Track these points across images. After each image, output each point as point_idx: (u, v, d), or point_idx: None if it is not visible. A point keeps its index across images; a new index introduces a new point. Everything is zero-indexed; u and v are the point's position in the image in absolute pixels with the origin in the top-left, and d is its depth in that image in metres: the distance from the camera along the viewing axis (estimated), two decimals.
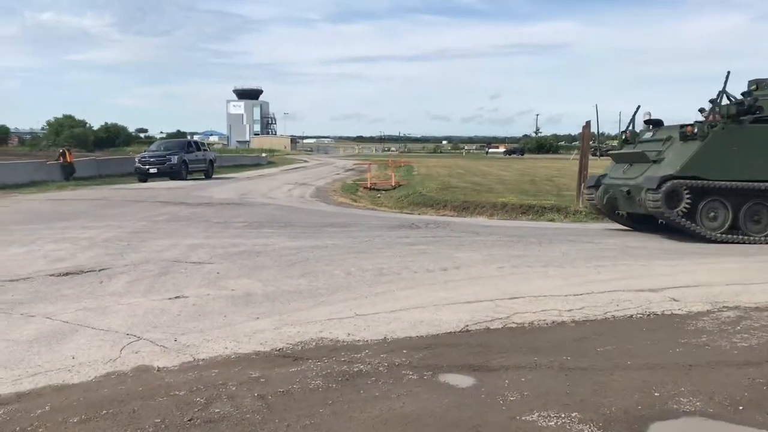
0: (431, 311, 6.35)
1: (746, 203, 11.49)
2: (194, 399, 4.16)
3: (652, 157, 12.01)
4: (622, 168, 13.01)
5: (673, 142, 11.93)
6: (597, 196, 13.26)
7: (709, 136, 11.36)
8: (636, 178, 12.08)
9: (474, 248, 10.27)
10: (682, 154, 11.46)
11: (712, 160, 11.28)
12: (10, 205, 16.76)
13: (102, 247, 9.74)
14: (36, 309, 6.20)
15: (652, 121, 13.43)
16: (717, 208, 11.53)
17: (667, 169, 11.42)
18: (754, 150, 11.43)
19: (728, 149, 11.35)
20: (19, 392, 4.27)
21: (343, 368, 4.75)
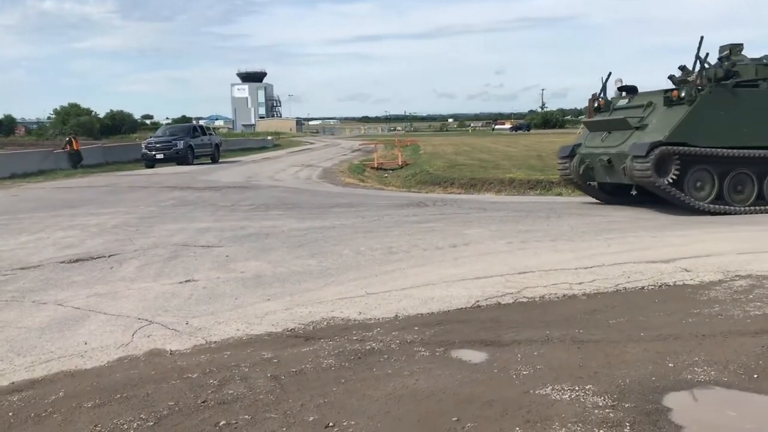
0: (442, 288, 6.33)
1: (731, 172, 11.11)
2: (207, 381, 4.17)
3: (634, 124, 11.44)
4: (599, 136, 12.32)
5: (655, 108, 11.40)
6: (573, 167, 12.69)
7: (698, 100, 10.80)
8: (618, 145, 11.52)
9: (482, 224, 10.23)
10: (668, 120, 10.91)
11: (700, 126, 10.79)
12: (19, 193, 16.81)
13: (111, 233, 9.76)
14: (47, 296, 6.23)
15: (625, 88, 12.87)
16: (704, 177, 11.09)
17: (654, 135, 10.85)
18: (740, 115, 11.02)
19: (716, 114, 10.89)
20: (32, 379, 4.29)
21: (355, 347, 4.74)
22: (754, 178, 11.24)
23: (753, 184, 11.27)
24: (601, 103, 12.88)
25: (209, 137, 33.38)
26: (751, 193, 11.28)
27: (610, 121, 12.17)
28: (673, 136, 10.62)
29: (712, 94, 10.88)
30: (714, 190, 11.04)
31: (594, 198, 13.18)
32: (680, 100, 10.82)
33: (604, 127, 12.29)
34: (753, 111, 11.09)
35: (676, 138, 10.63)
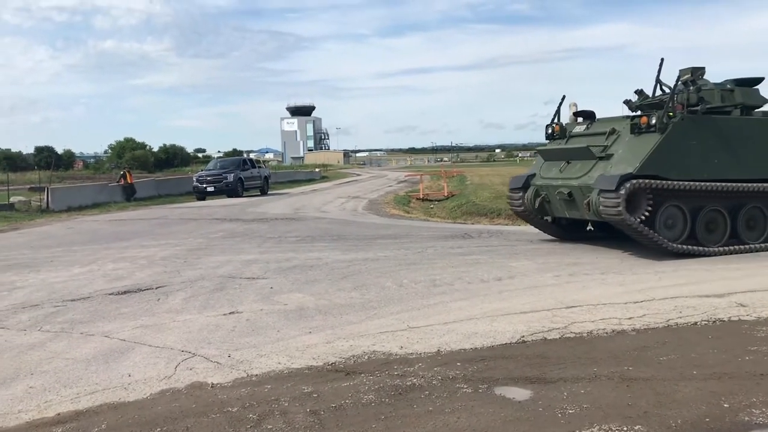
0: (486, 322, 6.21)
1: (704, 208, 9.89)
2: (247, 415, 4.15)
3: (597, 153, 10.20)
4: (556, 166, 11.01)
5: (620, 136, 10.17)
6: (526, 200, 11.37)
7: (670, 127, 9.54)
8: (580, 177, 10.24)
9: (529, 257, 10.07)
10: (638, 149, 9.65)
11: (673, 157, 9.59)
12: (73, 226, 17.32)
13: (160, 265, 9.93)
14: (95, 328, 6.34)
15: (582, 113, 11.61)
16: (675, 214, 9.78)
17: (623, 167, 9.56)
18: (712, 145, 9.89)
19: (688, 144, 9.72)
20: (77, 410, 4.34)
21: (395, 382, 4.67)
22: (726, 214, 10.05)
23: (725, 222, 10.08)
24: (556, 130, 11.62)
25: (259, 170, 33.96)
26: (723, 232, 10.09)
27: (569, 150, 10.89)
28: (644, 168, 9.36)
29: (684, 121, 9.70)
30: (686, 229, 9.79)
31: (549, 234, 12.10)
32: (649, 127, 9.63)
33: (562, 156, 11.03)
34: (725, 140, 10.02)
35: (648, 170, 9.39)
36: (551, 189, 10.77)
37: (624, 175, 9.24)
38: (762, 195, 10.15)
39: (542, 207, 11.11)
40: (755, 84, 10.92)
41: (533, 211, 11.35)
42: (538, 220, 11.74)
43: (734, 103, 10.56)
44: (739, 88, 10.65)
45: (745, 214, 10.17)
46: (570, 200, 10.34)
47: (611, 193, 9.17)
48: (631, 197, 9.21)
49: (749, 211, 10.20)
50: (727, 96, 10.63)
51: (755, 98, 10.85)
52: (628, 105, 11.57)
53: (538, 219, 11.71)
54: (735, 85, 10.76)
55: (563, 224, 11.62)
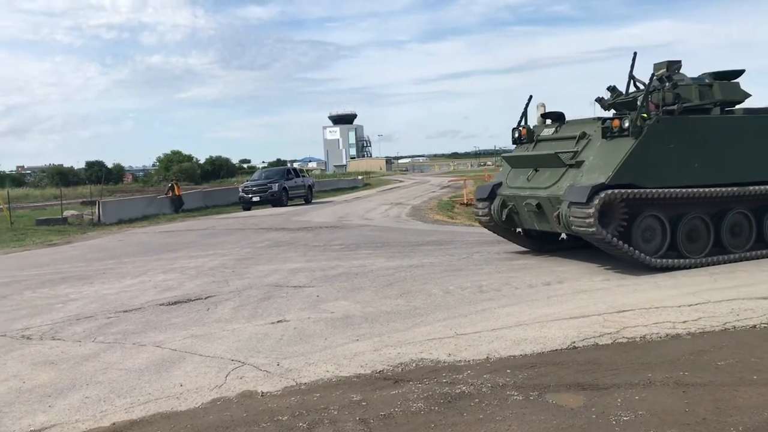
0: (535, 328, 6.12)
1: (684, 217, 8.93)
2: (297, 424, 4.16)
3: (566, 160, 9.22)
4: (524, 174, 10.01)
5: (591, 140, 9.18)
6: (494, 210, 10.36)
7: (645, 130, 8.55)
8: (549, 187, 9.27)
9: (578, 260, 9.89)
10: (611, 156, 8.67)
11: (649, 163, 8.58)
12: (124, 238, 17.73)
13: (208, 275, 10.08)
14: (147, 338, 6.45)
15: (550, 115, 10.64)
16: (653, 224, 8.83)
17: (594, 176, 8.60)
18: (691, 147, 8.89)
19: (666, 148, 8.73)
20: (131, 420, 4.42)
21: (444, 390, 4.63)
22: (708, 222, 9.11)
23: (708, 230, 9.12)
24: (523, 133, 10.65)
25: (302, 179, 34.26)
26: (706, 241, 9.11)
27: (536, 156, 9.91)
28: (618, 177, 8.40)
29: (660, 123, 8.70)
30: (666, 240, 8.85)
31: (521, 246, 11.14)
32: (622, 131, 8.67)
33: (529, 163, 10.03)
34: (705, 142, 9.00)
35: (622, 178, 8.43)
36: (518, 199, 9.84)
37: (595, 185, 8.31)
38: (747, 199, 9.26)
39: (510, 218, 10.19)
40: (735, 77, 10.10)
41: (500, 222, 10.36)
42: (508, 231, 10.81)
43: (713, 100, 9.63)
44: (719, 83, 9.78)
45: (729, 221, 9.24)
46: (539, 212, 9.42)
47: (582, 206, 8.27)
48: (604, 209, 8.29)
49: (733, 217, 9.28)
50: (705, 92, 9.71)
51: (735, 93, 9.96)
52: (601, 103, 10.68)
53: (507, 231, 10.79)
54: (713, 79, 9.89)
55: (534, 235, 10.74)
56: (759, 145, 9.36)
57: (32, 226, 22.23)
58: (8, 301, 8.65)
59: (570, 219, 8.49)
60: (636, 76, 10.06)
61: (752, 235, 9.41)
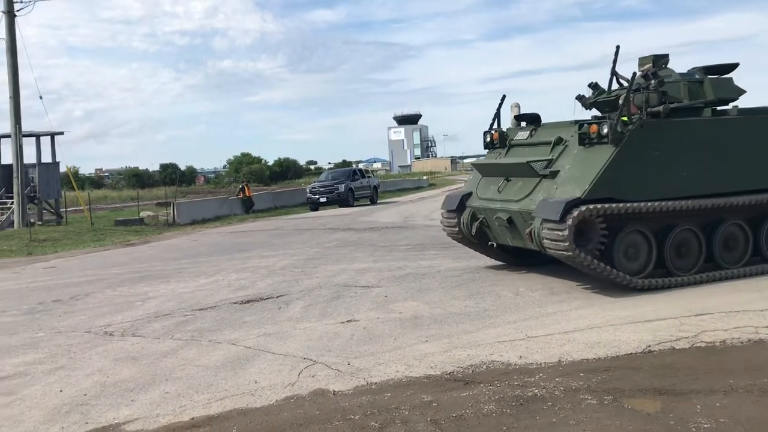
0: (609, 331, 6.00)
1: (673, 230, 7.97)
2: (369, 423, 4.21)
3: (540, 170, 8.21)
4: (495, 184, 9.00)
5: (567, 147, 8.19)
6: (463, 223, 9.44)
7: (627, 137, 7.62)
8: (521, 200, 8.30)
9: None
10: (588, 166, 7.72)
11: (631, 173, 7.66)
12: (198, 239, 18.26)
13: (279, 275, 10.28)
14: (222, 336, 6.64)
15: (524, 117, 9.58)
16: (637, 241, 7.86)
17: (570, 189, 7.66)
18: (680, 154, 7.93)
19: (650, 155, 7.77)
20: (209, 415, 4.56)
21: (516, 392, 4.60)
22: (699, 234, 8.14)
23: (700, 244, 8.15)
24: (495, 137, 9.67)
25: (368, 180, 34.51)
26: (697, 256, 8.15)
27: (507, 165, 8.92)
28: (596, 190, 7.48)
29: (643, 128, 7.74)
30: (652, 257, 7.90)
31: (496, 260, 10.10)
32: (601, 138, 7.72)
33: (499, 171, 9.07)
34: (695, 148, 8.03)
35: (601, 192, 7.50)
36: (489, 212, 8.90)
37: (570, 200, 7.38)
38: (742, 209, 8.31)
39: (481, 232, 9.22)
40: (728, 71, 9.10)
41: (471, 237, 9.46)
42: (480, 245, 9.78)
43: (704, 99, 8.68)
44: (710, 79, 8.83)
45: (723, 234, 8.28)
46: (511, 227, 8.48)
47: (555, 224, 7.37)
48: (580, 227, 7.36)
49: (727, 229, 8.31)
50: (695, 90, 8.74)
51: (728, 90, 8.97)
52: (581, 102, 9.59)
53: (479, 244, 9.77)
54: (704, 74, 8.94)
55: (510, 249, 9.49)
56: (755, 149, 8.40)
57: (111, 226, 23.15)
58: (91, 299, 9.05)
59: (543, 238, 7.59)
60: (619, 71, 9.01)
61: (748, 248, 8.45)
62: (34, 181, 24.39)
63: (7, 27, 23.09)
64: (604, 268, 7.48)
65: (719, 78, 8.95)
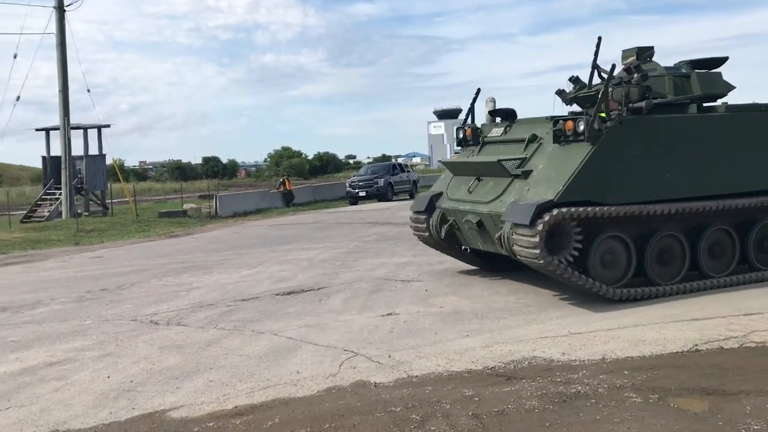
0: (654, 329, 5.90)
1: (654, 236, 7.37)
2: (410, 416, 4.21)
3: (512, 170, 7.61)
4: (465, 183, 8.39)
5: (542, 145, 7.65)
6: (432, 226, 8.82)
7: (604, 135, 7.05)
8: (491, 201, 7.70)
9: None
10: (563, 166, 7.14)
11: (609, 174, 7.07)
12: (240, 231, 18.50)
13: (320, 267, 10.35)
14: (264, 326, 6.72)
15: (499, 112, 8.99)
16: (615, 247, 7.24)
17: (542, 190, 7.07)
18: (663, 154, 7.32)
19: (630, 155, 7.18)
20: (252, 404, 4.62)
21: (559, 389, 4.55)
22: (683, 241, 7.52)
23: (683, 251, 7.54)
24: (468, 134, 9.05)
25: (407, 174, 34.56)
26: (681, 264, 7.54)
27: (477, 164, 8.33)
28: (570, 192, 6.86)
29: (623, 125, 7.16)
30: (632, 265, 7.27)
31: (471, 265, 9.45)
32: (577, 135, 7.16)
33: (470, 170, 8.47)
34: (679, 147, 7.42)
35: (575, 194, 6.88)
36: (459, 214, 8.27)
37: (542, 203, 6.77)
38: (729, 214, 7.73)
39: (451, 235, 8.61)
40: (717, 65, 8.51)
41: (440, 241, 8.87)
42: (452, 249, 9.20)
43: (691, 94, 8.10)
44: (698, 74, 8.23)
45: (708, 240, 7.68)
46: (481, 230, 7.86)
47: (525, 229, 6.78)
48: (553, 232, 6.79)
49: (713, 235, 7.72)
50: (681, 85, 8.14)
51: (717, 85, 8.37)
52: (562, 97, 9.00)
53: (450, 248, 9.18)
54: (691, 68, 8.35)
55: (482, 254, 8.86)
56: (744, 149, 7.79)
57: (155, 218, 23.62)
58: (137, 289, 9.25)
59: (512, 244, 7.03)
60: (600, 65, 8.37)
61: (735, 256, 7.88)
62: (81, 172, 25.02)
63: (57, 22, 23.67)
64: (579, 277, 6.87)
65: (707, 73, 8.37)
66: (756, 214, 7.92)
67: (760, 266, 7.92)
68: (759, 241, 7.98)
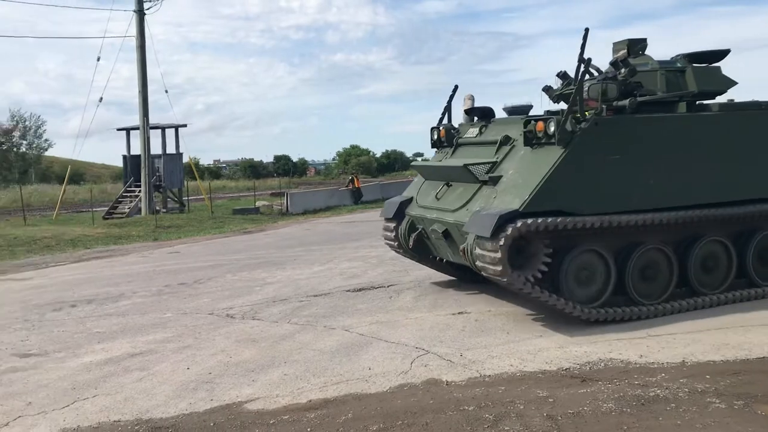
0: (738, 332, 5.68)
1: (637, 249, 6.59)
2: (483, 415, 4.19)
3: (481, 175, 6.87)
4: (435, 189, 7.69)
5: (514, 148, 6.92)
6: (401, 234, 8.17)
7: (576, 139, 6.28)
8: (457, 210, 7.01)
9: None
10: (532, 172, 6.39)
11: (583, 181, 6.29)
12: (310, 227, 18.77)
13: (389, 265, 10.40)
14: (336, 322, 6.81)
15: (476, 111, 8.17)
16: (592, 262, 6.46)
17: (509, 199, 6.32)
18: (647, 158, 6.54)
19: (608, 159, 6.39)
20: (325, 398, 4.69)
21: (636, 392, 4.43)
22: (670, 254, 6.74)
23: (671, 266, 6.75)
24: (442, 134, 8.30)
25: None
26: (668, 280, 6.75)
27: (445, 168, 7.57)
28: (538, 202, 6.11)
29: (599, 126, 6.38)
30: (610, 282, 6.48)
31: (446, 274, 8.76)
32: (549, 138, 6.41)
33: (438, 175, 7.77)
34: (665, 150, 6.64)
35: (544, 203, 6.14)
36: (427, 222, 7.59)
37: (505, 213, 6.03)
38: (723, 224, 6.95)
39: (420, 245, 7.91)
40: (717, 59, 7.66)
41: (408, 250, 8.19)
42: (427, 258, 8.39)
43: (685, 91, 7.29)
44: (693, 68, 7.41)
45: (700, 253, 6.89)
46: (448, 241, 7.15)
47: (487, 242, 6.08)
48: (520, 246, 6.10)
49: (706, 247, 6.92)
50: (675, 80, 7.33)
51: (715, 81, 7.52)
52: (548, 93, 8.28)
53: (425, 258, 8.39)
54: (688, 62, 7.52)
55: (459, 266, 8.02)
56: (742, 152, 7.00)
57: (229, 215, 24.22)
58: (213, 283, 9.51)
59: (475, 257, 6.33)
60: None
61: (731, 270, 7.06)
62: (159, 170, 25.89)
63: (137, 25, 24.58)
64: (549, 296, 6.17)
65: (705, 67, 7.52)
66: (755, 223, 7.13)
67: (761, 281, 7.14)
68: (760, 253, 7.18)
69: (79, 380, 5.32)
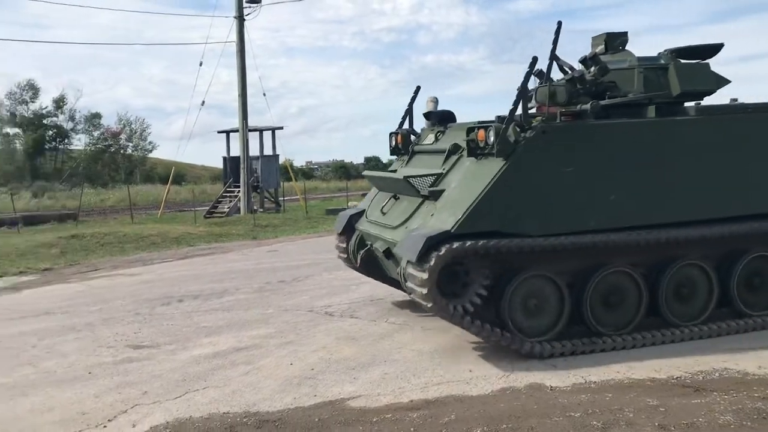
0: None
1: (597, 273, 5.73)
2: (590, 422, 4.08)
3: (423, 189, 6.10)
4: (383, 201, 6.98)
5: (461, 158, 6.10)
6: (350, 250, 7.52)
7: (519, 149, 5.48)
8: (397, 227, 6.27)
9: None
10: (471, 187, 5.58)
11: (528, 197, 5.47)
12: None
13: None
14: (432, 323, 6.75)
15: (434, 115, 7.34)
16: (542, 289, 5.66)
17: (444, 218, 5.54)
18: (603, 170, 5.65)
19: (558, 172, 5.54)
20: (426, 399, 4.69)
21: (757, 405, 4.20)
22: (638, 279, 5.84)
23: (639, 292, 5.86)
24: (399, 141, 7.53)
25: None
26: (635, 307, 5.86)
27: (389, 179, 6.84)
28: (473, 221, 5.34)
29: (547, 135, 5.54)
30: (564, 311, 5.69)
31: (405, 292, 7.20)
32: (490, 148, 5.60)
33: (387, 186, 7.04)
34: (630, 161, 5.74)
35: (481, 223, 5.36)
36: (372, 239, 6.88)
37: (435, 234, 5.31)
38: (700, 245, 5.98)
39: (370, 263, 7.13)
40: (708, 55, 6.67)
41: (357, 268, 7.51)
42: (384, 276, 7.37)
43: (658, 92, 6.25)
44: (677, 66, 6.40)
45: (674, 278, 5.96)
46: (392, 260, 6.34)
47: (414, 267, 5.39)
48: (455, 271, 5.38)
49: (681, 271, 5.99)
50: (655, 79, 6.33)
51: (702, 80, 6.49)
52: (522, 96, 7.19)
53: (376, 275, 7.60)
54: (675, 57, 6.52)
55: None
56: (723, 162, 6.02)
57: (322, 215, 24.68)
58: (311, 281, 9.72)
59: (406, 281, 5.64)
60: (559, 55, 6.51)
61: (712, 298, 6.11)
62: (257, 171, 26.70)
63: (237, 31, 25.44)
64: (483, 329, 5.41)
65: (690, 64, 6.55)
66: (741, 244, 6.17)
67: (748, 310, 6.17)
68: (747, 279, 6.22)
69: (189, 372, 5.55)
